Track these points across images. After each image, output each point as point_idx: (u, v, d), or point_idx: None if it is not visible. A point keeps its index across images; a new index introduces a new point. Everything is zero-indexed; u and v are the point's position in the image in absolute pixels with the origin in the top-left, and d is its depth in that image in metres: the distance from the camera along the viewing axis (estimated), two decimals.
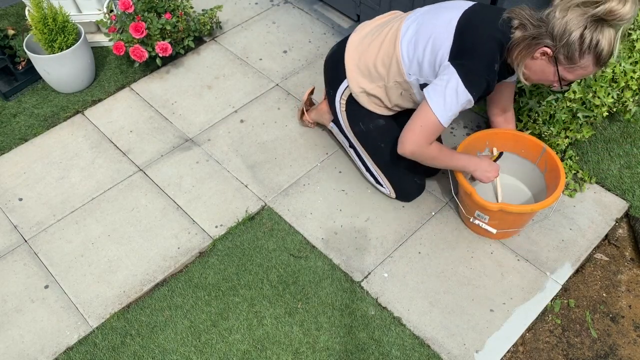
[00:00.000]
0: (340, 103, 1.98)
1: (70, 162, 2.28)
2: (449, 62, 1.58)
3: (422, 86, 1.75)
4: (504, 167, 2.09)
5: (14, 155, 2.31)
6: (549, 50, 1.50)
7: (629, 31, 1.86)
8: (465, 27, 1.58)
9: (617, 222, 2.07)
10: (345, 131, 2.04)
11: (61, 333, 1.82)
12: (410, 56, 1.71)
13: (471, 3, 1.67)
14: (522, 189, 2.10)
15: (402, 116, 1.95)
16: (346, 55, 1.88)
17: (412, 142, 1.69)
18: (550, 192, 1.86)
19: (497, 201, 2.00)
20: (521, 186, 2.11)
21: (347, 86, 1.91)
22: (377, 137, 1.98)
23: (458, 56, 1.58)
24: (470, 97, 1.59)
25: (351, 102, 1.95)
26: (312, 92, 2.31)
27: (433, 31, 1.64)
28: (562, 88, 1.59)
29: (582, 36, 1.42)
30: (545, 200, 1.80)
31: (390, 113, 1.97)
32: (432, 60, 1.65)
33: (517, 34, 1.55)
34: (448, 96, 1.58)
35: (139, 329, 1.82)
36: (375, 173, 2.06)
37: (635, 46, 1.89)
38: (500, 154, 1.97)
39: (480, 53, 1.57)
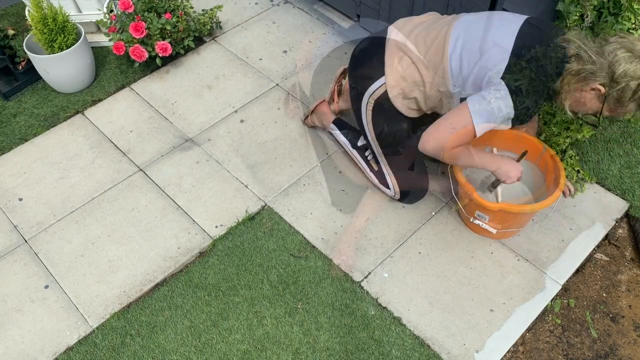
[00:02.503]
0: (368, 102, 1.88)
1: (70, 162, 2.28)
2: (501, 80, 1.56)
3: (463, 99, 1.73)
4: None
5: (14, 155, 2.31)
6: (602, 89, 1.51)
7: (630, 31, 1.86)
8: (523, 55, 1.56)
9: (617, 222, 2.07)
10: (366, 131, 1.97)
11: (61, 333, 1.82)
12: (457, 70, 1.68)
13: (520, 22, 1.62)
14: (522, 189, 2.10)
15: (427, 121, 1.93)
16: (387, 54, 1.78)
17: (438, 141, 1.63)
18: (550, 192, 1.86)
19: (497, 201, 2.00)
20: (521, 186, 2.11)
21: (381, 85, 1.82)
22: (398, 142, 1.95)
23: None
24: (512, 115, 1.58)
25: (380, 102, 1.86)
26: (343, 75, 2.22)
27: (484, 52, 1.60)
28: (599, 122, 1.60)
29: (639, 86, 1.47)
30: (545, 200, 1.80)
31: (418, 115, 1.92)
32: (478, 79, 1.64)
33: (574, 65, 1.53)
34: (495, 109, 1.55)
35: (139, 329, 1.82)
36: (385, 174, 2.05)
37: None
38: (524, 153, 1.88)
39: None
